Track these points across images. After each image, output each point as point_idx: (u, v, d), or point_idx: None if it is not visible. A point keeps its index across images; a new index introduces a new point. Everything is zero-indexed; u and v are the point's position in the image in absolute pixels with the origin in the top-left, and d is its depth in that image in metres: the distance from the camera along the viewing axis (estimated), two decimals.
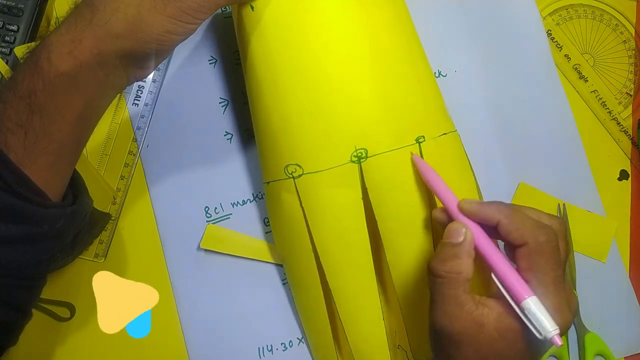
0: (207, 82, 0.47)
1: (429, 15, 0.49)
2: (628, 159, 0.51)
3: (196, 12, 0.34)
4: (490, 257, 0.32)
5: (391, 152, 0.37)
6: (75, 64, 0.32)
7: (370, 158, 0.37)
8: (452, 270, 0.31)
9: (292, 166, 0.38)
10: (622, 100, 0.52)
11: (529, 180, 0.49)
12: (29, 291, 0.35)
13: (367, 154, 0.37)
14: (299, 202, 0.39)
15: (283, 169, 0.38)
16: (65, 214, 0.34)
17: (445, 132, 0.39)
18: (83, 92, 0.33)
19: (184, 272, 0.45)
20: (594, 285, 0.49)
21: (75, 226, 0.35)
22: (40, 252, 0.33)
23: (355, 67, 0.37)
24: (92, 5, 0.33)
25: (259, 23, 0.37)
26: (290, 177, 0.38)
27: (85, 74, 0.33)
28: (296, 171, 0.38)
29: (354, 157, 0.37)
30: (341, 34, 0.37)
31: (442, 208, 0.35)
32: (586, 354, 0.47)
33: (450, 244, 0.32)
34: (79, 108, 0.33)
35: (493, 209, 0.32)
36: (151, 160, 0.46)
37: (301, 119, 0.37)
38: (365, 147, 0.37)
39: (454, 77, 0.50)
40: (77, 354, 0.44)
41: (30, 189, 0.32)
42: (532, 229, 0.31)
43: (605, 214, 0.50)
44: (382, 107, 0.37)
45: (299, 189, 0.38)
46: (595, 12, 0.53)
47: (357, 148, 0.37)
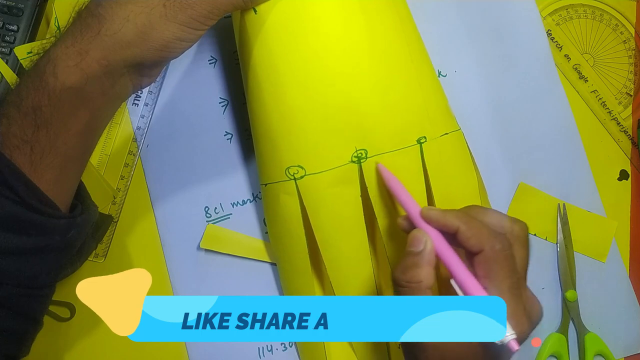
0: (207, 82, 0.47)
1: (429, 15, 0.49)
2: (628, 159, 0.51)
3: (205, 19, 0.34)
4: (449, 264, 0.32)
5: (391, 153, 0.37)
6: (82, 76, 0.32)
7: (370, 158, 0.37)
8: (412, 280, 0.32)
9: (294, 168, 0.38)
10: (622, 100, 0.52)
11: (529, 180, 0.49)
12: (40, 300, 0.35)
13: (367, 154, 0.37)
14: (299, 203, 0.39)
15: (284, 170, 0.38)
16: (76, 224, 0.34)
17: (447, 132, 0.39)
18: (89, 104, 0.33)
19: (184, 272, 0.45)
20: (594, 285, 0.49)
21: (83, 235, 0.36)
22: (52, 262, 0.34)
23: (355, 69, 0.37)
24: (100, 16, 0.32)
25: (262, 26, 0.37)
26: (291, 179, 0.38)
27: (92, 86, 0.32)
28: (298, 172, 0.38)
29: (354, 157, 0.37)
30: (342, 36, 0.37)
31: (406, 216, 0.35)
32: (586, 354, 0.47)
33: (411, 252, 0.33)
34: (84, 120, 0.33)
35: (453, 217, 0.33)
36: (151, 160, 0.46)
37: (303, 121, 0.37)
38: (365, 148, 0.37)
39: (454, 77, 0.50)
40: (77, 354, 0.44)
41: (42, 201, 0.32)
42: (488, 236, 0.32)
43: (605, 214, 0.50)
44: (383, 108, 0.37)
45: (301, 190, 0.38)
46: (595, 12, 0.53)
47: (357, 149, 0.37)
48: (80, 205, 0.36)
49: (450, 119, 0.41)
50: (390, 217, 0.39)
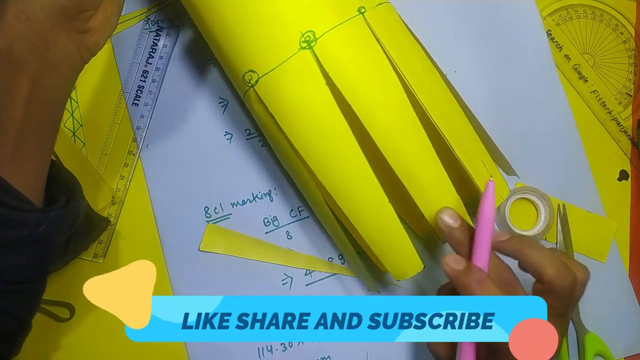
0: (207, 82, 0.47)
1: (429, 16, 0.49)
2: (628, 159, 0.51)
3: None
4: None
5: (338, 28, 0.36)
6: (6, 37, 0.30)
7: (319, 39, 0.36)
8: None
9: (248, 74, 0.37)
10: (622, 100, 0.52)
11: (529, 181, 0.49)
12: (20, 297, 0.33)
13: (314, 36, 0.36)
14: (265, 109, 0.37)
15: (241, 80, 0.38)
16: (47, 219, 0.32)
17: (381, 2, 0.39)
18: (25, 69, 0.31)
19: (184, 272, 0.45)
20: (594, 285, 0.48)
21: (63, 231, 0.34)
22: (24, 256, 0.32)
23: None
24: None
25: None
26: (250, 86, 0.37)
27: (20, 47, 0.31)
28: (252, 78, 0.37)
29: (302, 42, 0.36)
30: None
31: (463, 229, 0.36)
32: (586, 354, 0.47)
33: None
34: (26, 89, 0.31)
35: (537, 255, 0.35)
36: (151, 160, 0.46)
37: (240, 23, 0.36)
38: (311, 29, 0.36)
39: (454, 77, 0.49)
40: (77, 354, 0.44)
41: (7, 192, 0.31)
42: (566, 273, 0.35)
43: (605, 214, 0.50)
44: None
45: (261, 95, 0.37)
46: (595, 12, 0.53)
47: (302, 32, 0.36)
48: (63, 199, 0.34)
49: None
50: (364, 98, 0.36)
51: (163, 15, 0.47)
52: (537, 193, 0.48)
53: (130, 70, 0.46)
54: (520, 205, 0.49)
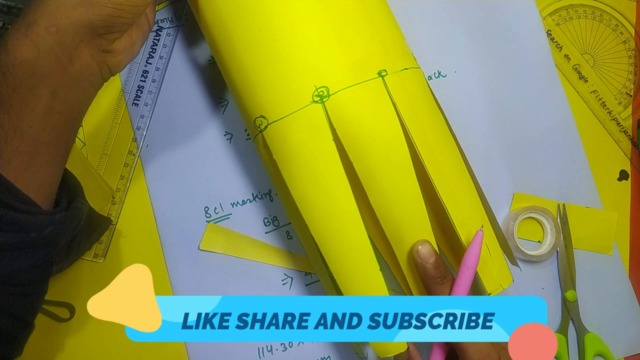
0: (207, 82, 0.47)
1: (428, 16, 0.49)
2: (628, 159, 0.51)
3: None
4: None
5: (353, 88, 0.36)
6: (33, 47, 0.31)
7: (332, 96, 0.36)
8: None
9: (259, 119, 0.37)
10: (622, 100, 0.52)
11: (529, 180, 0.49)
12: (25, 299, 0.34)
13: (328, 92, 0.36)
14: (269, 155, 0.38)
15: (252, 124, 0.38)
16: (54, 222, 0.32)
17: (407, 67, 0.38)
18: (47, 80, 0.31)
19: (184, 272, 0.45)
20: (594, 285, 0.49)
21: (66, 233, 0.34)
22: (31, 259, 0.32)
23: (302, 6, 0.36)
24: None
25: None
26: (259, 131, 0.38)
27: (46, 59, 0.31)
28: (262, 123, 0.37)
29: (315, 97, 0.36)
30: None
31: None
32: (586, 354, 0.47)
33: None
34: (45, 99, 0.31)
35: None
36: (151, 160, 0.46)
37: (257, 69, 0.37)
38: (326, 85, 0.36)
39: (454, 77, 0.50)
40: (77, 354, 0.44)
41: (15, 196, 0.31)
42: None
43: None
44: (335, 41, 0.36)
45: (268, 142, 0.37)
46: (595, 12, 0.53)
47: (317, 87, 0.36)
48: (65, 201, 0.34)
49: (408, 55, 0.40)
50: (367, 157, 0.36)
51: (163, 15, 0.47)
52: (544, 212, 0.48)
53: (130, 70, 0.46)
54: (527, 224, 0.49)
